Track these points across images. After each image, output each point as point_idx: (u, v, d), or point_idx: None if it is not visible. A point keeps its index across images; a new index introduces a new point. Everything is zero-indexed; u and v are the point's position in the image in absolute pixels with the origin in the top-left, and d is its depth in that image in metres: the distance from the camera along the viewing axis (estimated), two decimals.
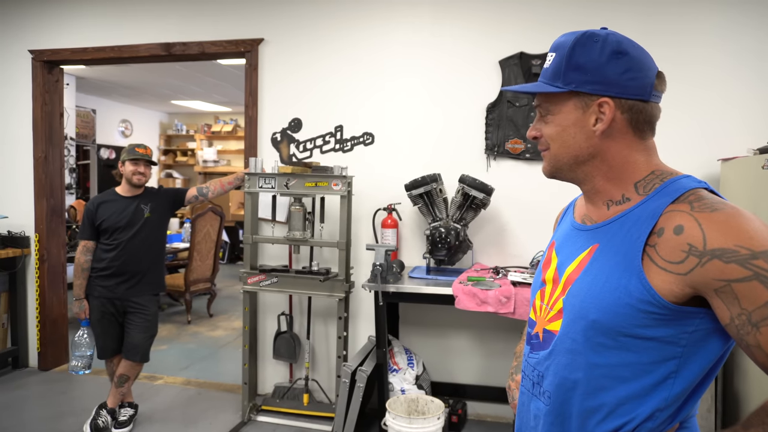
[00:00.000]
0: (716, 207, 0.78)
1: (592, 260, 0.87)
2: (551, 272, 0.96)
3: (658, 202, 0.83)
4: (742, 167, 2.51)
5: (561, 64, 0.88)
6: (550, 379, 0.91)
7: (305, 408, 3.13)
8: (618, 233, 0.86)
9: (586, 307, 0.85)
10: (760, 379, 2.28)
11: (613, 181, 0.89)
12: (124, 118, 8.75)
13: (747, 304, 0.73)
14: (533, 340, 0.97)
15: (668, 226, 0.79)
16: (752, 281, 0.72)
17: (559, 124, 0.89)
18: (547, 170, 0.94)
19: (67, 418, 3.08)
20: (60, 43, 3.69)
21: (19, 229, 3.79)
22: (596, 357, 0.84)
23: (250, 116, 3.36)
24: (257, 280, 3.00)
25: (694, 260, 0.76)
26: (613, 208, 0.89)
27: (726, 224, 0.75)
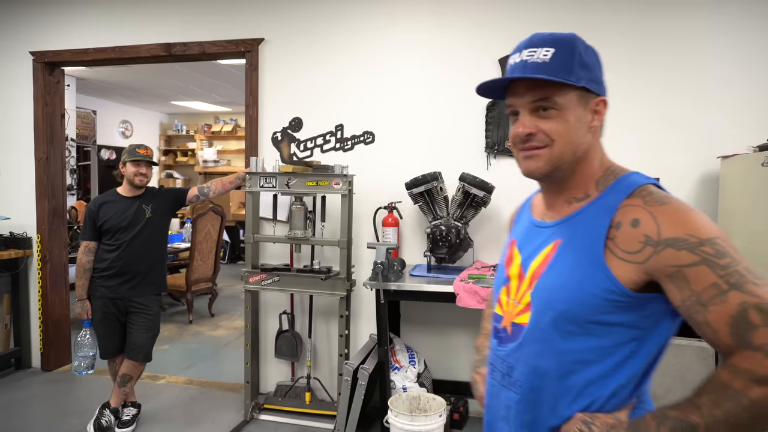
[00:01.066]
0: (665, 201, 0.85)
1: (556, 255, 0.92)
2: (515, 268, 1.00)
3: (614, 198, 0.89)
4: (741, 164, 2.51)
5: (570, 61, 0.89)
6: (520, 369, 0.95)
7: (307, 406, 3.14)
8: (579, 228, 0.91)
9: (554, 298, 0.89)
10: None
11: (583, 179, 0.94)
12: (124, 119, 8.77)
13: (696, 286, 0.79)
14: (501, 334, 1.00)
15: (625, 219, 0.85)
16: (700, 266, 0.79)
17: (567, 120, 0.90)
18: (545, 168, 0.92)
19: (70, 418, 3.09)
20: (61, 45, 3.69)
21: (21, 230, 3.80)
22: (565, 344, 0.89)
23: (250, 116, 3.37)
24: (259, 279, 3.01)
25: (650, 249, 0.82)
26: (574, 204, 0.94)
27: (675, 216, 0.83)
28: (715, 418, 0.77)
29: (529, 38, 0.93)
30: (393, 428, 2.44)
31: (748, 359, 0.76)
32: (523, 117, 0.92)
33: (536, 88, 0.90)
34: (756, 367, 0.75)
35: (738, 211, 2.53)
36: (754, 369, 0.75)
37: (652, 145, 2.88)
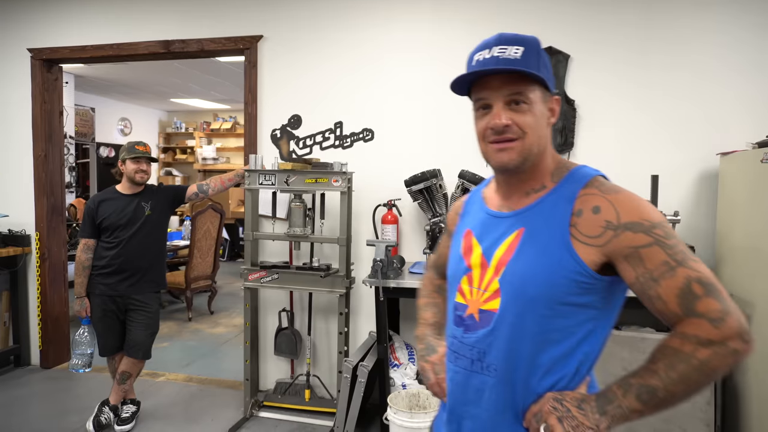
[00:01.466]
0: (618, 190, 0.96)
1: (522, 242, 0.97)
2: (477, 258, 1.04)
3: (570, 188, 0.97)
4: (741, 161, 2.51)
5: (536, 59, 0.95)
6: (495, 353, 0.99)
7: (307, 403, 3.14)
8: (541, 217, 0.97)
9: (525, 283, 0.95)
10: (759, 372, 2.29)
11: (540, 171, 1.00)
12: (123, 117, 8.75)
13: (650, 264, 0.89)
14: (467, 322, 1.04)
15: (586, 207, 0.94)
16: (653, 246, 0.89)
17: (536, 114, 0.96)
18: (517, 160, 0.97)
19: (69, 415, 3.09)
20: (59, 42, 3.69)
21: (19, 227, 3.80)
22: (536, 326, 0.95)
23: (249, 113, 3.37)
24: (258, 276, 3.00)
25: (610, 233, 0.91)
26: (532, 195, 1.00)
27: (630, 203, 0.93)
28: (672, 379, 0.87)
29: (497, 36, 0.97)
30: (392, 425, 2.44)
31: (695, 326, 0.87)
32: (499, 110, 0.95)
33: (512, 83, 0.94)
34: (701, 332, 0.86)
35: (737, 208, 2.53)
36: (700, 334, 0.86)
37: (651, 142, 2.87)
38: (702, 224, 2.84)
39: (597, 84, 2.91)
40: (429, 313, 1.30)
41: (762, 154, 2.27)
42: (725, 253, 2.64)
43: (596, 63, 2.91)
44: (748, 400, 2.38)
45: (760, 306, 2.31)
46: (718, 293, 0.87)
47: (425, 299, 1.33)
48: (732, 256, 2.57)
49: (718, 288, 0.88)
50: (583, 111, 2.94)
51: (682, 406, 2.35)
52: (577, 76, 2.93)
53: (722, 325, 0.85)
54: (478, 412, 1.03)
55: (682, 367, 0.87)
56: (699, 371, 0.86)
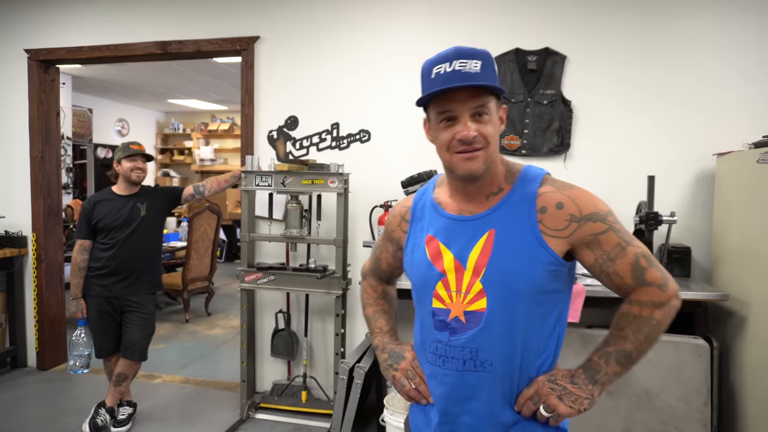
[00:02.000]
0: (570, 186, 1.08)
1: (496, 242, 1.05)
2: (449, 262, 1.08)
3: (527, 187, 1.07)
4: (737, 162, 2.52)
5: (492, 72, 1.03)
6: (489, 349, 1.06)
7: (303, 405, 3.14)
8: (507, 217, 1.06)
9: (510, 279, 1.03)
10: (756, 373, 2.29)
11: (496, 175, 1.09)
12: (120, 117, 8.74)
13: (606, 247, 1.04)
14: (453, 325, 1.08)
15: (549, 204, 1.05)
16: (609, 232, 1.04)
17: (494, 124, 1.05)
18: (482, 168, 1.04)
19: (66, 417, 3.08)
20: (56, 43, 3.68)
21: (16, 228, 3.79)
22: (524, 317, 1.05)
23: (246, 114, 3.36)
24: (255, 278, 3.00)
25: (575, 225, 1.04)
26: (491, 198, 1.08)
27: (586, 197, 1.06)
28: (640, 341, 1.03)
29: (454, 50, 1.03)
30: (389, 427, 2.44)
31: (647, 293, 1.03)
32: (467, 121, 1.01)
33: (476, 96, 1.00)
34: (653, 296, 1.03)
35: (734, 208, 2.53)
36: (652, 298, 1.03)
37: (647, 142, 2.88)
38: (698, 225, 2.84)
39: (593, 85, 2.92)
40: (382, 321, 1.32)
41: (758, 154, 2.27)
42: (722, 254, 2.64)
43: (593, 64, 2.91)
44: (745, 400, 2.38)
45: (756, 306, 2.31)
46: (656, 263, 1.05)
47: (372, 308, 1.35)
48: (728, 257, 2.57)
49: (654, 258, 1.06)
50: (580, 112, 2.94)
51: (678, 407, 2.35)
52: (574, 77, 2.93)
53: (666, 288, 1.03)
54: (475, 407, 1.09)
55: (646, 329, 1.03)
56: (657, 329, 1.03)
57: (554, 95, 2.94)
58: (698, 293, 2.41)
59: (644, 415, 2.35)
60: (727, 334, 2.55)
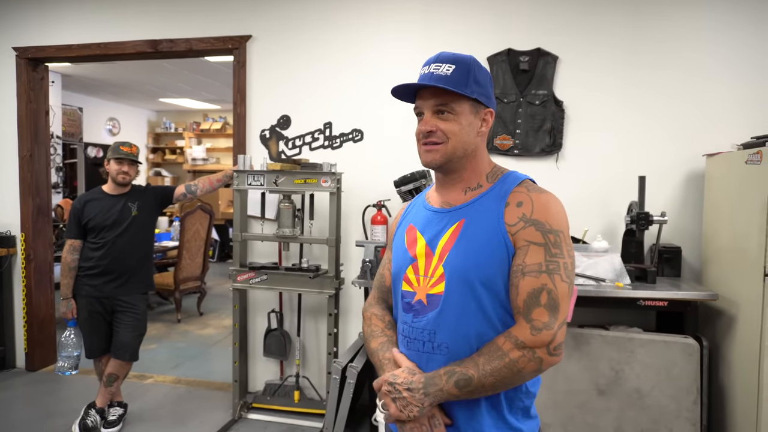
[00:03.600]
0: (542, 191, 1.11)
1: (462, 231, 1.10)
2: (421, 248, 1.15)
3: (505, 187, 1.12)
4: (726, 162, 2.54)
5: (466, 76, 1.10)
6: (443, 332, 1.09)
7: (296, 405, 3.13)
8: (480, 209, 1.11)
9: (467, 265, 1.08)
10: (744, 372, 2.32)
11: (475, 172, 1.15)
12: (111, 116, 8.67)
13: (528, 259, 1.05)
14: (416, 307, 1.14)
15: (513, 201, 1.09)
16: (540, 246, 1.05)
17: (460, 123, 1.11)
18: (440, 160, 1.13)
19: (55, 418, 3.05)
20: (45, 41, 3.64)
21: (4, 228, 3.75)
22: (476, 305, 1.07)
23: (238, 113, 3.35)
24: (247, 277, 2.99)
25: (521, 224, 1.07)
26: (469, 193, 1.15)
27: (545, 204, 1.08)
28: (485, 371, 1.02)
29: (436, 55, 1.14)
30: (381, 426, 2.44)
31: (520, 328, 1.03)
32: (427, 117, 1.13)
33: (438, 95, 1.11)
34: (522, 335, 1.02)
35: (723, 209, 2.56)
36: (520, 337, 1.02)
37: (639, 143, 2.90)
38: (689, 225, 2.86)
39: (586, 85, 2.93)
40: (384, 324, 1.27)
41: (747, 155, 2.29)
42: (711, 254, 2.66)
43: (585, 65, 2.93)
44: (734, 399, 2.41)
45: (744, 306, 2.33)
46: (555, 311, 1.02)
47: (379, 339, 1.22)
48: (718, 256, 2.60)
49: (558, 307, 1.03)
50: (572, 112, 2.95)
51: (669, 406, 2.37)
52: (566, 77, 2.95)
53: (538, 335, 1.01)
54: None
55: (496, 363, 1.02)
56: (509, 369, 1.01)
57: (546, 95, 2.95)
58: (688, 293, 2.43)
59: (635, 414, 2.37)
60: (717, 334, 2.57)
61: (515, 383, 1.05)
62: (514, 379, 1.02)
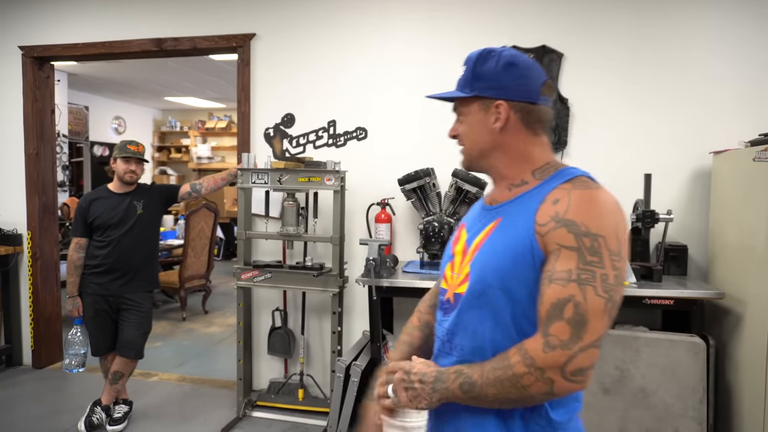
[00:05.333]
0: (590, 186, 0.96)
1: (495, 230, 1.03)
2: (461, 245, 1.10)
3: (552, 183, 1.00)
4: (733, 160, 2.52)
5: (468, 75, 1.06)
6: (461, 333, 1.03)
7: (300, 403, 3.13)
8: (518, 208, 1.02)
9: (487, 267, 0.99)
10: (752, 371, 2.30)
11: (513, 169, 1.06)
12: (117, 115, 8.70)
13: (559, 265, 0.91)
14: (445, 305, 1.09)
15: (550, 198, 0.97)
16: (573, 251, 0.90)
17: (469, 124, 1.07)
18: (464, 163, 1.11)
19: (61, 415, 3.07)
20: (50, 39, 3.66)
21: (11, 226, 3.77)
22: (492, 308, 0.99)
23: (242, 112, 3.35)
24: (251, 275, 2.99)
25: (552, 224, 0.93)
26: (513, 189, 1.05)
27: (585, 202, 0.93)
28: (488, 380, 0.92)
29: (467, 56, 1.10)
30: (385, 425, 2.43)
31: (534, 342, 0.90)
32: (454, 122, 1.11)
33: (455, 99, 1.09)
34: (532, 350, 0.89)
35: (730, 206, 2.53)
36: (530, 351, 0.90)
37: (644, 140, 2.88)
38: (695, 223, 2.84)
39: (591, 83, 2.91)
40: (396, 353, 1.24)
41: (755, 152, 2.27)
42: (718, 252, 2.64)
43: (590, 62, 2.91)
44: (741, 398, 2.39)
45: (752, 304, 2.31)
46: (579, 329, 0.87)
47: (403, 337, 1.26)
48: (724, 254, 2.58)
49: (585, 325, 0.88)
50: (577, 110, 2.93)
51: (674, 405, 2.36)
52: (571, 74, 2.93)
53: (550, 353, 0.88)
54: None
55: (499, 373, 0.91)
56: (511, 383, 0.90)
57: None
58: (694, 291, 2.41)
59: (640, 413, 2.35)
60: (723, 332, 2.55)
61: (523, 402, 0.93)
62: (519, 396, 0.91)
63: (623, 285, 0.92)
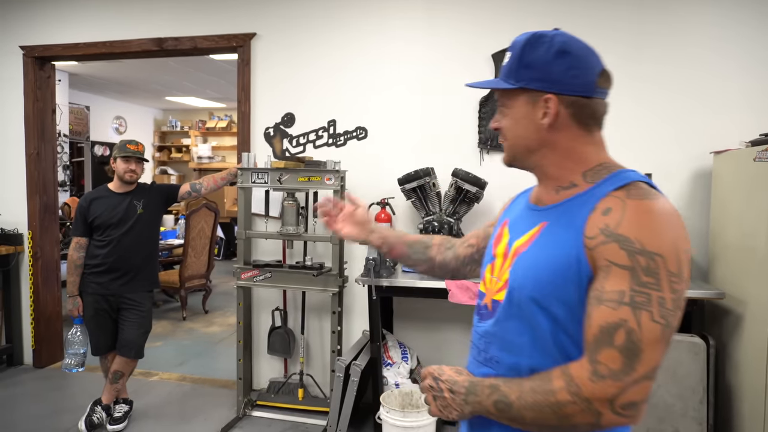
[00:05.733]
0: (647, 195, 0.85)
1: (539, 236, 0.94)
2: (502, 247, 1.02)
3: (604, 189, 0.89)
4: (734, 160, 2.51)
5: (514, 63, 0.95)
6: (497, 344, 0.96)
7: (300, 403, 3.14)
8: (565, 214, 0.92)
9: (526, 277, 0.92)
10: (752, 371, 2.29)
11: (561, 169, 0.96)
12: (118, 115, 8.71)
13: (609, 285, 0.82)
14: (482, 311, 1.03)
15: (601, 207, 0.87)
16: (625, 270, 0.81)
17: (513, 118, 0.97)
18: (506, 159, 1.02)
19: (62, 414, 3.07)
20: (51, 39, 3.66)
21: (12, 226, 3.78)
22: (529, 323, 0.91)
23: (242, 111, 3.35)
24: (251, 275, 2.99)
25: (601, 238, 0.84)
26: (561, 192, 0.96)
27: (641, 215, 0.83)
28: (526, 402, 0.84)
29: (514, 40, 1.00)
30: (385, 424, 2.44)
31: (580, 368, 0.81)
32: (497, 114, 1.01)
33: (498, 91, 0.99)
34: (579, 378, 0.80)
35: (731, 207, 2.53)
36: (575, 378, 0.81)
37: (645, 140, 2.87)
38: (696, 223, 2.83)
39: None
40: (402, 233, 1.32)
41: (755, 152, 2.27)
42: (718, 252, 2.64)
43: None
44: (741, 398, 2.38)
45: (752, 305, 2.31)
46: (633, 358, 0.78)
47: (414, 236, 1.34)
48: (725, 254, 2.57)
49: (639, 355, 0.78)
50: None
51: (675, 405, 2.35)
52: None
53: (599, 383, 0.79)
54: None
55: (540, 398, 0.83)
56: (552, 410, 0.82)
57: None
58: (695, 291, 2.41)
59: None
60: (724, 332, 2.55)
61: (561, 427, 0.84)
62: (560, 424, 0.83)
63: (681, 309, 0.83)
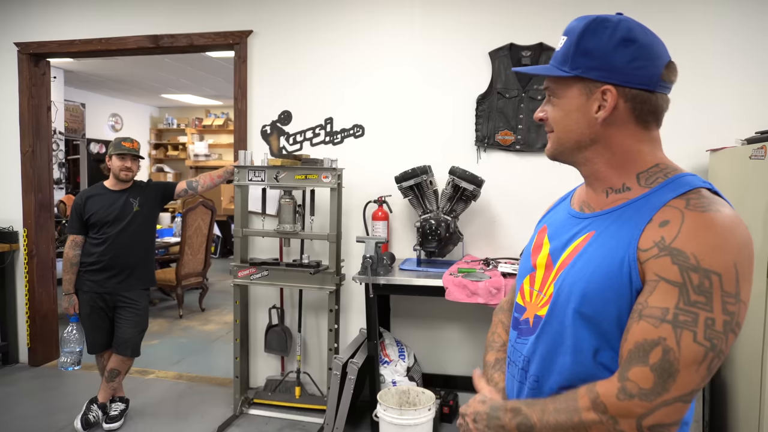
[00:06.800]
0: (709, 207, 0.77)
1: (587, 246, 0.86)
2: (543, 258, 0.95)
3: (662, 197, 0.82)
4: (730, 158, 2.52)
5: (570, 49, 0.87)
6: (537, 364, 0.90)
7: (297, 401, 3.13)
8: (616, 222, 0.84)
9: (573, 291, 0.84)
10: (747, 370, 2.30)
11: (614, 169, 0.88)
12: (114, 112, 8.67)
13: (653, 300, 0.75)
14: (522, 326, 0.96)
15: (658, 218, 0.79)
16: (674, 287, 0.74)
17: (563, 109, 0.89)
18: (550, 152, 0.93)
19: (58, 413, 3.06)
20: (46, 36, 3.64)
21: (6, 224, 3.76)
22: (574, 339, 0.85)
23: (239, 109, 3.34)
24: (248, 273, 2.99)
25: (655, 250, 0.77)
26: (612, 196, 0.88)
27: (702, 230, 0.76)
28: (548, 424, 0.80)
29: None
30: (382, 422, 2.44)
31: (609, 384, 0.77)
32: (543, 102, 0.93)
33: (547, 76, 0.90)
34: (605, 394, 0.76)
35: None
36: (601, 395, 0.76)
37: None
38: None
39: None
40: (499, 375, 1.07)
41: (751, 150, 2.27)
42: None
43: None
44: (736, 396, 2.40)
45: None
46: (666, 379, 0.73)
47: (495, 355, 1.09)
48: None
49: (674, 376, 0.73)
50: None
51: None
52: None
53: (626, 402, 0.74)
54: None
55: (563, 418, 0.79)
56: (575, 429, 0.78)
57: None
58: None
59: None
60: None
61: None
62: None
63: (736, 332, 0.75)
